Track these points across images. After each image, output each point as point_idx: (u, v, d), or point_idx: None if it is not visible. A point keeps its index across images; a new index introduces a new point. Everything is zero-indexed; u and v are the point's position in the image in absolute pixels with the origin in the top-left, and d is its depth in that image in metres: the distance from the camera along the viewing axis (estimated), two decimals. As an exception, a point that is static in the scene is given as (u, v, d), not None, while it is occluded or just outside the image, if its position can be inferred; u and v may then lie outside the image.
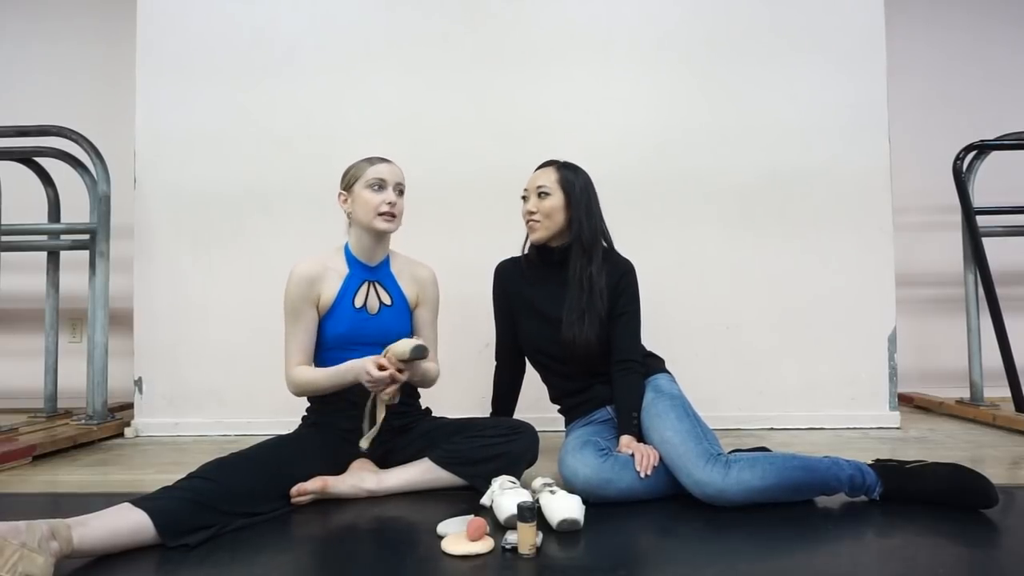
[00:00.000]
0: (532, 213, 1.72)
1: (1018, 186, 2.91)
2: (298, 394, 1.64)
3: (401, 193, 1.67)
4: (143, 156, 2.50)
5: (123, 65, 2.83)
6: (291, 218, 2.48)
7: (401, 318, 1.69)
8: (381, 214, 1.61)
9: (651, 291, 1.85)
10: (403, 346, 1.49)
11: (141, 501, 1.21)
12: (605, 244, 1.77)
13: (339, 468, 1.58)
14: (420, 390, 1.75)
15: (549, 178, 1.72)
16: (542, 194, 1.71)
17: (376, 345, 1.59)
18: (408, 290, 1.72)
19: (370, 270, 1.68)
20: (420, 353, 1.48)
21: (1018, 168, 2.93)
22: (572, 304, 1.68)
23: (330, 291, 1.63)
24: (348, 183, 1.66)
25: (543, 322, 1.73)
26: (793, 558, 1.17)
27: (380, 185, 1.62)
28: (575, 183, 1.72)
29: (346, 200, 1.66)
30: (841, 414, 2.45)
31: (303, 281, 1.60)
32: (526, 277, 1.79)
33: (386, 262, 1.72)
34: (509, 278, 1.82)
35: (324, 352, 1.64)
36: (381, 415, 1.54)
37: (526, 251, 1.83)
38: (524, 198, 1.76)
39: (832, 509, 1.43)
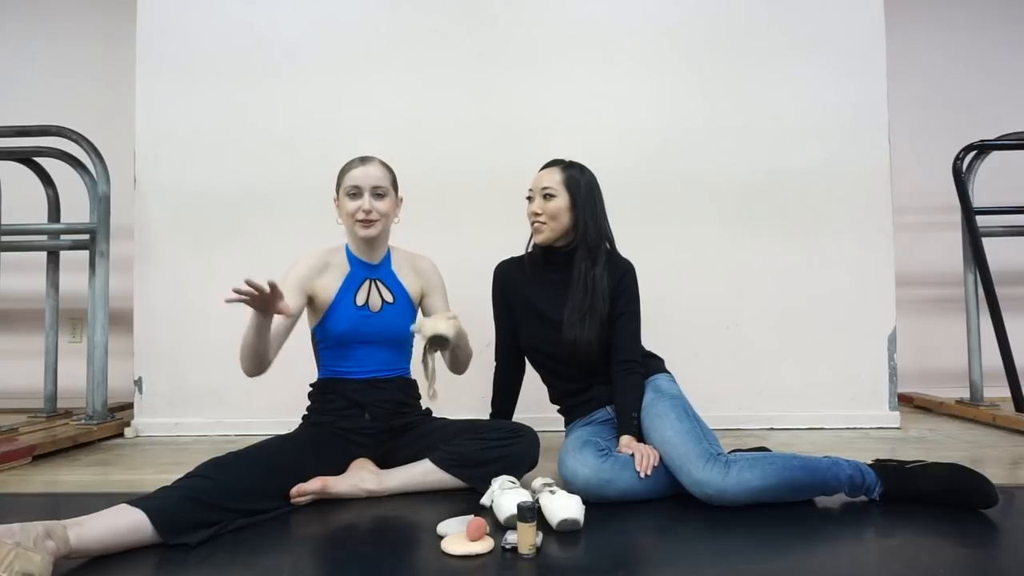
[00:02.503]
0: (537, 215, 1.71)
1: (1018, 186, 2.91)
2: (245, 367, 1.53)
3: (379, 196, 1.63)
4: (143, 156, 2.49)
5: (123, 65, 2.82)
6: (291, 218, 2.47)
7: (403, 315, 1.69)
8: (359, 221, 1.61)
9: (651, 291, 1.85)
10: (433, 325, 1.46)
11: (138, 501, 1.21)
12: (608, 246, 1.76)
13: (339, 468, 1.57)
14: (420, 389, 1.75)
15: (554, 179, 1.71)
16: (547, 195, 1.70)
17: (378, 343, 1.59)
18: (410, 285, 1.72)
19: (371, 268, 1.68)
20: (440, 344, 1.47)
21: (1018, 168, 2.93)
22: (574, 306, 1.67)
23: (331, 287, 1.62)
24: (336, 188, 1.66)
25: (543, 323, 1.73)
26: (793, 558, 1.17)
27: (355, 192, 1.61)
28: (580, 183, 1.71)
29: (339, 206, 1.67)
30: (841, 414, 2.45)
31: (308, 267, 1.60)
32: (527, 277, 1.79)
33: (387, 260, 1.72)
34: (509, 278, 1.81)
35: (327, 350, 1.64)
36: (433, 364, 1.54)
37: (529, 250, 1.83)
38: (529, 198, 1.75)
39: (832, 509, 1.43)
